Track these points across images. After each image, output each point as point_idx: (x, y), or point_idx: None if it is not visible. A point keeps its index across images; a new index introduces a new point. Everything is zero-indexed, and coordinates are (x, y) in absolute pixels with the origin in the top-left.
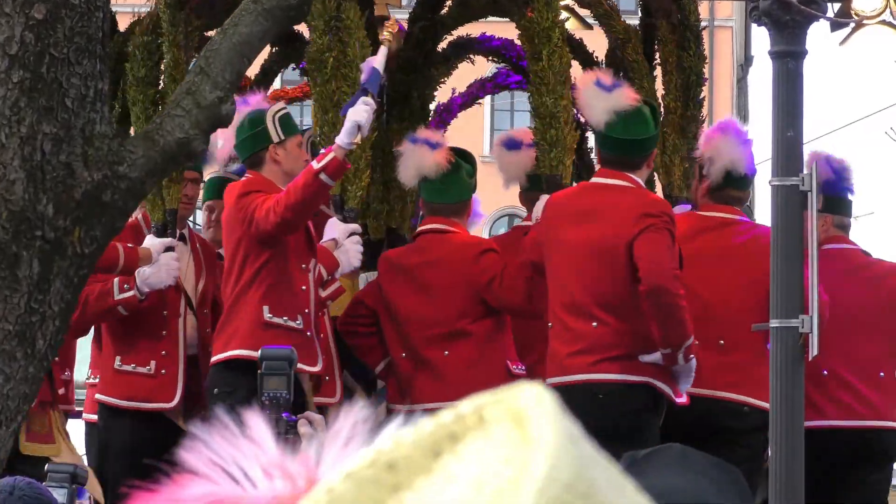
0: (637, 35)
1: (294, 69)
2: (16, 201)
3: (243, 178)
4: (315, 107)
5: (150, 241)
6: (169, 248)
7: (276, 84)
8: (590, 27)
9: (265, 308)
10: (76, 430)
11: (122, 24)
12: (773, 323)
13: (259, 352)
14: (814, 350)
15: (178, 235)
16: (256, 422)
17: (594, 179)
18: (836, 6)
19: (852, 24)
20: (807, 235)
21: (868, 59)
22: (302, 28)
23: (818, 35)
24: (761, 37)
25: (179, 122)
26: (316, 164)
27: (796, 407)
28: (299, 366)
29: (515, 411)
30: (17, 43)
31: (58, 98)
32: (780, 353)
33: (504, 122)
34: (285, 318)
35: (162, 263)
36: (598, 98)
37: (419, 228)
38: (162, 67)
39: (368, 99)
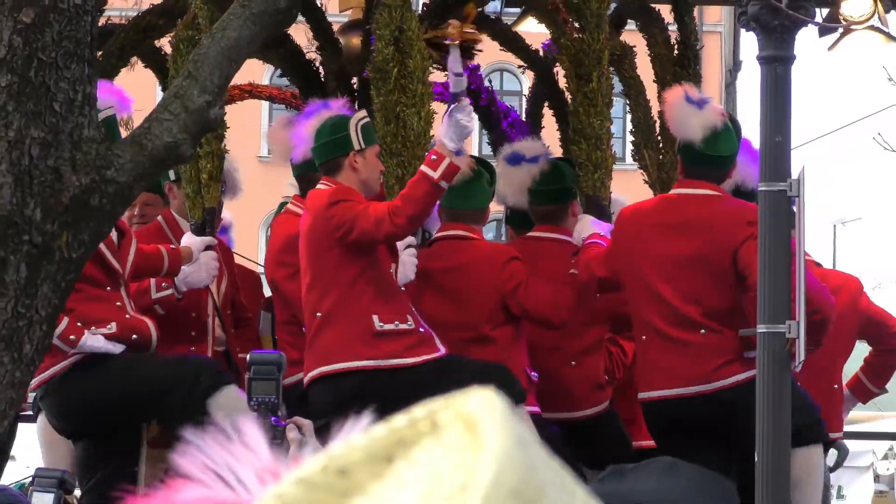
0: (633, 52)
1: (281, 76)
2: (3, 206)
3: (327, 188)
4: (378, 116)
5: (190, 240)
6: (208, 247)
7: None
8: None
9: (375, 317)
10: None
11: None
12: (760, 328)
13: (249, 356)
14: (801, 356)
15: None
16: (250, 427)
17: (678, 190)
18: (825, 11)
19: (840, 30)
20: (794, 241)
21: (856, 65)
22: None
23: (807, 40)
24: (750, 42)
25: (167, 126)
26: (433, 173)
27: (783, 412)
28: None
29: (467, 416)
30: (6, 47)
31: (46, 102)
32: (767, 359)
33: None
34: (396, 322)
35: (202, 262)
36: (691, 114)
37: (437, 234)
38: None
39: (464, 104)
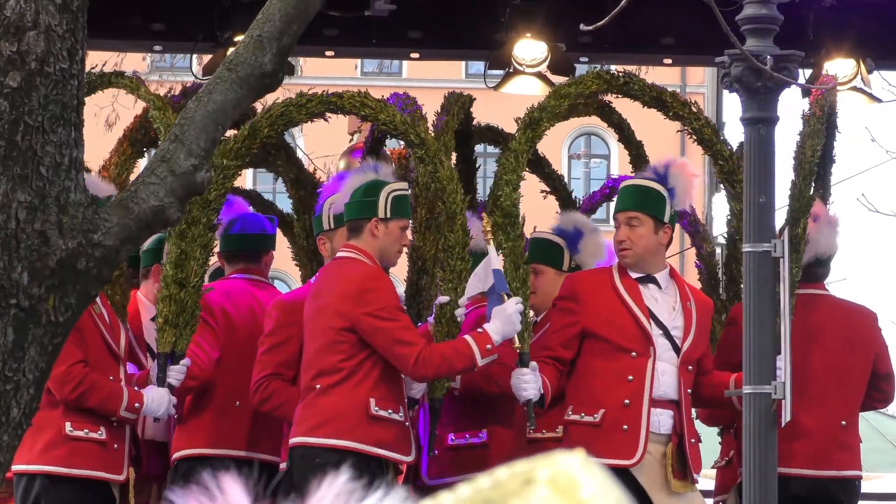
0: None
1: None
2: None
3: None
4: (508, 262)
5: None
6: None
7: None
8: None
9: (372, 400)
10: None
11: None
12: (746, 389)
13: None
14: (786, 416)
15: None
16: (233, 485)
17: None
18: (808, 72)
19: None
20: (780, 301)
21: (839, 125)
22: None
23: (790, 100)
24: (733, 102)
25: (154, 189)
26: (480, 359)
27: (769, 473)
28: (394, 455)
29: (561, 476)
30: None
31: (32, 166)
32: (753, 420)
33: None
34: (390, 410)
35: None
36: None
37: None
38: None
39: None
